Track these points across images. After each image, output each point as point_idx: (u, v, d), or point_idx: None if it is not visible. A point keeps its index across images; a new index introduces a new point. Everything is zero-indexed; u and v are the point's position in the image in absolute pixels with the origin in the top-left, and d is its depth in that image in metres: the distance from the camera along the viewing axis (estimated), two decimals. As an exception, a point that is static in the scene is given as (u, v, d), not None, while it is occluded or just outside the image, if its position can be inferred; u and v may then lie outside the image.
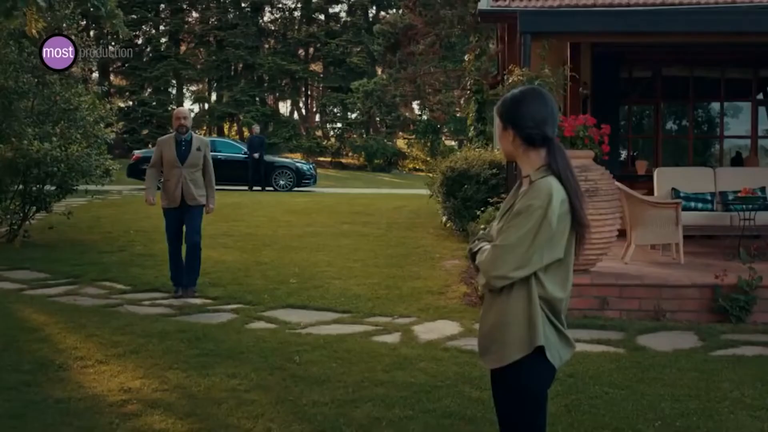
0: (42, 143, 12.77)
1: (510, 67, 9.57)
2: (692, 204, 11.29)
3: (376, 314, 9.02)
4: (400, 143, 53.31)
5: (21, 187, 13.60)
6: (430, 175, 17.58)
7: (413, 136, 51.62)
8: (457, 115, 42.37)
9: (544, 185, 3.16)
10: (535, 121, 3.26)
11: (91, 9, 13.94)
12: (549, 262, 3.16)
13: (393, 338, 7.97)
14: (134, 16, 49.08)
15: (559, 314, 3.26)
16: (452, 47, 38.31)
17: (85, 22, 34.64)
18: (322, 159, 47.84)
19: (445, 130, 49.24)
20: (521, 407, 3.29)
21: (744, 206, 10.88)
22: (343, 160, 51.02)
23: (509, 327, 3.21)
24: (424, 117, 49.23)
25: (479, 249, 3.32)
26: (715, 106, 15.26)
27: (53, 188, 13.90)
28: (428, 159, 42.57)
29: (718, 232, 11.46)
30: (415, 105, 51.71)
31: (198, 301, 9.62)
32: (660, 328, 8.40)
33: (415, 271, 11.62)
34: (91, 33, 44.88)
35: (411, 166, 50.31)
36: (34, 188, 13.66)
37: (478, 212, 13.02)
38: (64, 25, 13.22)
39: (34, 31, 9.26)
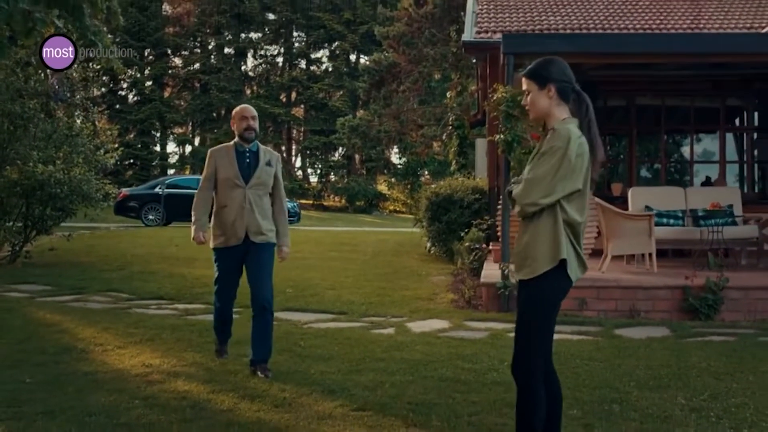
0: (46, 166, 13.33)
1: (494, 86, 10.28)
2: (664, 220, 11.94)
3: (371, 315, 9.61)
4: (381, 188, 54.13)
5: (24, 209, 14.16)
6: (412, 214, 18.18)
7: (393, 179, 52.45)
8: (437, 157, 43.21)
9: (564, 130, 3.94)
10: (567, 76, 4.08)
11: (84, 46, 14.62)
12: (570, 191, 3.92)
13: (388, 331, 8.58)
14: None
15: (579, 237, 4.03)
16: (433, 91, 39.27)
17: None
18: (304, 201, 48.44)
19: (426, 172, 50.09)
20: (541, 312, 4.04)
21: (714, 221, 11.59)
22: (325, 202, 51.79)
23: (539, 245, 3.97)
24: (404, 159, 50.13)
25: (514, 187, 4.10)
26: (686, 133, 16.04)
27: (54, 212, 14.45)
28: (408, 200, 43.40)
29: (688, 245, 12.16)
30: (394, 152, 52.65)
31: (200, 305, 10.16)
32: (635, 324, 9.05)
33: (403, 284, 12.24)
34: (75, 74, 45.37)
35: (392, 207, 51.13)
36: (36, 210, 14.22)
37: (462, 234, 13.68)
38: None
39: (51, 51, 9.81)
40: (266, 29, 57.65)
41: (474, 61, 19.50)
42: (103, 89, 51.00)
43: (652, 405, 5.58)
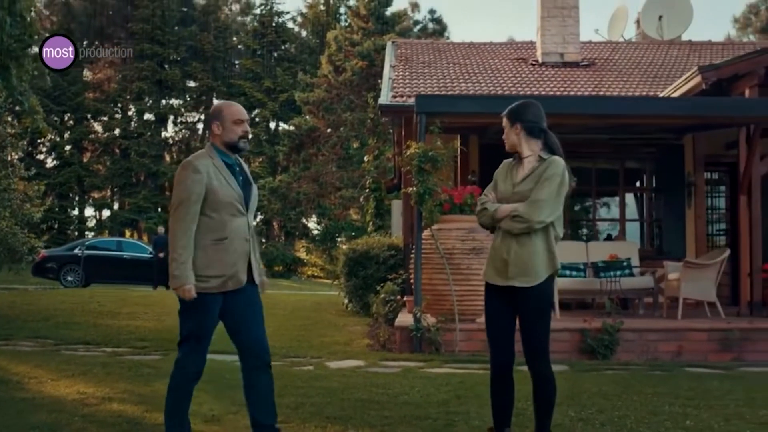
0: (-27, 218, 13.68)
1: (408, 143, 11.04)
2: (567, 272, 12.74)
3: (291, 356, 10.16)
4: (300, 253, 54.61)
5: (-51, 262, 14.44)
6: (330, 279, 18.75)
7: (311, 244, 53.02)
8: (354, 223, 44.02)
9: (559, 162, 4.90)
10: (536, 117, 5.00)
11: (13, 105, 15.07)
12: (559, 213, 4.83)
13: (308, 368, 9.16)
14: (38, 124, 49.73)
15: None
16: (351, 158, 40.28)
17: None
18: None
19: (342, 237, 50.82)
20: (545, 312, 4.90)
21: (612, 273, 12.46)
22: (243, 267, 51.95)
23: (539, 257, 4.84)
24: (323, 225, 50.86)
25: (498, 207, 4.93)
26: (588, 193, 16.99)
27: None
28: (326, 266, 43.99)
29: (589, 295, 13.00)
30: (312, 219, 53.27)
31: (128, 349, 10.58)
32: (537, 362, 9.74)
33: (322, 332, 12.84)
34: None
35: (310, 272, 51.63)
36: (-39, 263, 14.51)
37: (378, 288, 14.32)
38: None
39: (-15, 107, 10.25)
40: (187, 96, 58.19)
41: (391, 129, 20.37)
42: (20, 153, 50.83)
43: (544, 417, 6.24)
